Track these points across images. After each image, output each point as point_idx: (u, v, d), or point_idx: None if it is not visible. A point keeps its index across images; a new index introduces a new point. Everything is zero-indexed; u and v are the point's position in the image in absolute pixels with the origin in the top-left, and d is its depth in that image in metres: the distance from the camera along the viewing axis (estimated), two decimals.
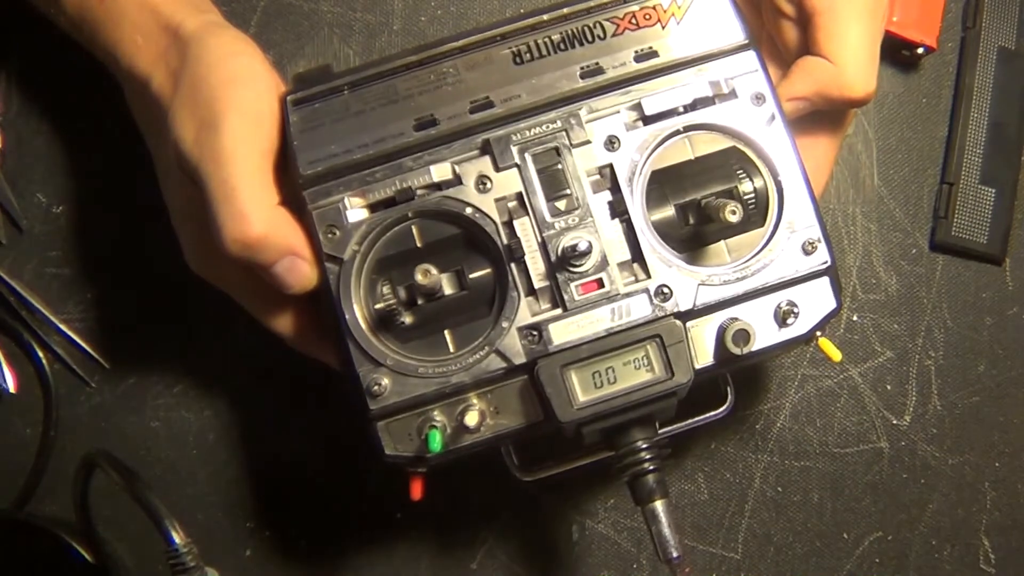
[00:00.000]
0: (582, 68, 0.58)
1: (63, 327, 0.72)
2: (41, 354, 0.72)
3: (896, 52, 0.77)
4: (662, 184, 0.58)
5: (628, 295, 0.56)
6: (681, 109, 0.58)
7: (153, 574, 0.69)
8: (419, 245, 0.57)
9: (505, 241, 0.56)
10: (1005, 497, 0.76)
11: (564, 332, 0.56)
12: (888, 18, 0.69)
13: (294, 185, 0.57)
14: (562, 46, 0.59)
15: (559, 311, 0.56)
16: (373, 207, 0.57)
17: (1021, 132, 0.78)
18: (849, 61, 0.59)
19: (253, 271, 0.57)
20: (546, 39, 0.59)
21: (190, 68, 0.58)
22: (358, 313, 0.56)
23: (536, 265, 0.56)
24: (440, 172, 0.57)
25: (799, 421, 0.76)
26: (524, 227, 0.56)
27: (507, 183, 0.57)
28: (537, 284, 0.56)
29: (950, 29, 0.79)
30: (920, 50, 0.76)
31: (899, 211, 0.78)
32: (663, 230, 0.57)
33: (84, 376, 0.72)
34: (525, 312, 0.56)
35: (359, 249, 0.57)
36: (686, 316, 0.56)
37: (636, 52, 0.59)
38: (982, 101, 0.78)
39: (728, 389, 0.63)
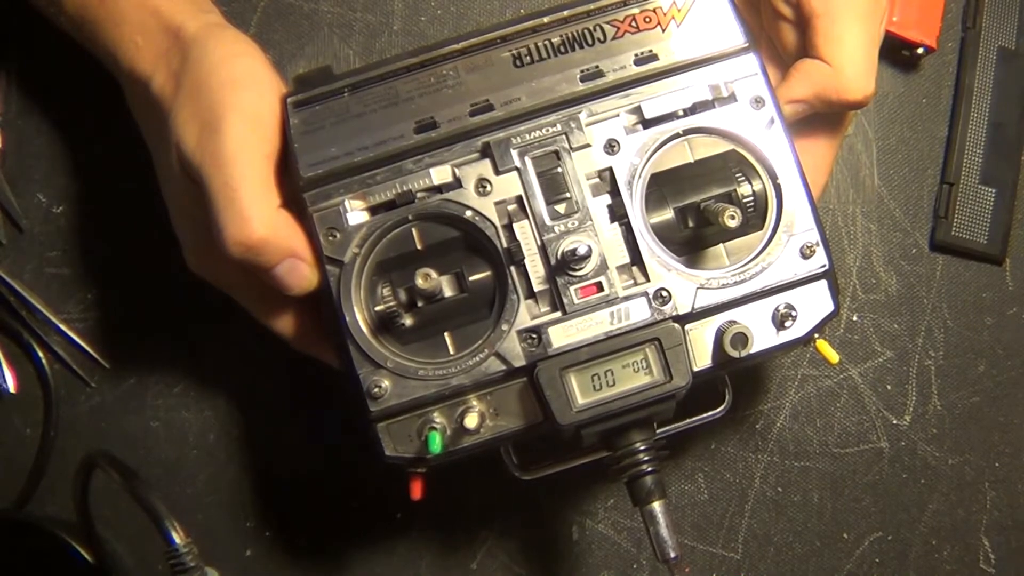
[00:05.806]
0: (582, 71, 0.58)
1: (63, 327, 0.72)
2: (41, 354, 0.72)
3: (896, 52, 0.77)
4: (661, 187, 0.58)
5: (627, 298, 0.56)
6: (681, 112, 0.58)
7: (153, 574, 0.69)
8: (419, 248, 0.57)
9: (505, 244, 0.56)
10: (1005, 497, 0.76)
11: (563, 335, 0.56)
12: (888, 18, 0.68)
13: (295, 187, 0.57)
14: (562, 49, 0.59)
15: (558, 314, 0.56)
16: (373, 209, 0.57)
17: (1021, 132, 0.78)
18: (847, 64, 0.59)
19: (254, 272, 0.57)
20: (546, 42, 0.59)
21: (191, 69, 0.58)
22: (358, 315, 0.56)
23: (536, 268, 0.56)
24: (440, 175, 0.57)
25: (799, 421, 0.76)
26: (524, 230, 0.56)
27: (507, 186, 0.57)
28: (537, 287, 0.56)
29: (950, 29, 0.79)
30: (920, 50, 0.76)
31: (899, 211, 0.77)
32: (662, 233, 0.57)
33: (84, 376, 0.72)
34: (525, 315, 0.56)
35: (359, 252, 0.57)
36: (685, 319, 0.56)
37: (636, 55, 0.59)
38: (982, 101, 0.77)
39: (726, 390, 0.63)
